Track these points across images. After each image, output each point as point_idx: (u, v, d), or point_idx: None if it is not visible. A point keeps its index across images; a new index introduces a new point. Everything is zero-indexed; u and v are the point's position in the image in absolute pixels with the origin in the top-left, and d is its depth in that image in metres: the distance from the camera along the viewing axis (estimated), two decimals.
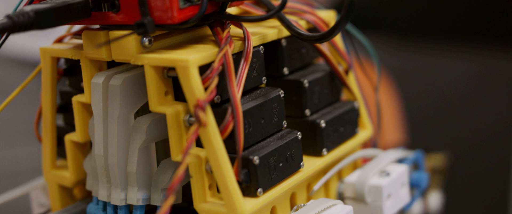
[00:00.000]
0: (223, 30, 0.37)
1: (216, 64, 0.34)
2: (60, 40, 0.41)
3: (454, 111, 1.10)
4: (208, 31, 0.39)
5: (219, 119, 0.35)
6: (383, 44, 1.42)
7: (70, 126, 0.42)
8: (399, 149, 0.47)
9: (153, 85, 0.35)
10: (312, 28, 0.42)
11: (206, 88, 0.34)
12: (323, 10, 0.44)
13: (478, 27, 1.31)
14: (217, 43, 0.36)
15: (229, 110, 0.34)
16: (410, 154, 0.47)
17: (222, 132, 0.34)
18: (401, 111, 0.94)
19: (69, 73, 0.42)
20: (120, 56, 0.36)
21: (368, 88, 0.90)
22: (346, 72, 0.43)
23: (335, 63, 0.42)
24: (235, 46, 0.36)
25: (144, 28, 0.34)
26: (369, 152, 0.45)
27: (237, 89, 0.35)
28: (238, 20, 0.37)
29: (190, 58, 0.34)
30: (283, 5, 0.35)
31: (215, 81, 0.34)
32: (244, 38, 0.37)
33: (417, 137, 0.96)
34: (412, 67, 1.35)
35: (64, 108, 0.43)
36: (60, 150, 0.43)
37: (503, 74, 1.11)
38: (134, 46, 0.35)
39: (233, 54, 0.36)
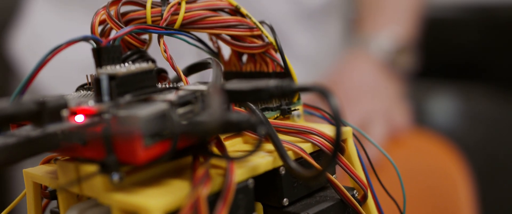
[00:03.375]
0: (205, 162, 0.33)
1: (184, 212, 0.30)
2: (48, 161, 0.38)
3: None
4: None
5: None
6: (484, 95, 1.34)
7: None
8: None
9: None
10: (318, 151, 0.37)
11: None
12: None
13: None
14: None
15: None
16: None
17: None
18: (477, 193, 0.86)
19: (54, 197, 0.39)
20: (89, 192, 0.33)
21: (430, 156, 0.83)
22: (363, 198, 0.38)
23: (345, 190, 0.37)
24: (216, 183, 0.32)
25: (107, 168, 0.31)
26: None
27: None
28: (217, 157, 0.33)
29: (154, 205, 0.30)
30: (260, 142, 0.30)
31: None
32: (226, 175, 0.32)
33: None
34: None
35: None
36: None
37: None
38: (101, 183, 0.32)
39: (213, 194, 0.32)
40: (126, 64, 0.35)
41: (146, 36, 0.40)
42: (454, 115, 1.38)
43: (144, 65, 0.34)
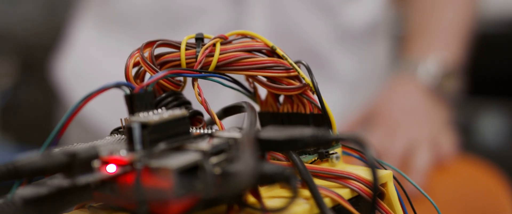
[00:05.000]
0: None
1: None
2: (82, 205, 0.38)
3: None
4: None
5: None
6: None
7: None
8: None
9: None
10: (357, 196, 0.36)
11: None
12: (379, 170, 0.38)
13: None
14: None
15: None
16: None
17: None
18: None
19: None
20: None
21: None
22: None
23: None
24: None
25: None
26: None
27: None
28: (252, 209, 0.32)
29: None
30: (294, 196, 0.29)
31: None
32: None
33: None
34: None
35: None
36: None
37: None
38: None
39: None
40: (159, 110, 0.34)
41: (180, 78, 0.39)
42: (506, 133, 1.34)
43: (177, 112, 0.33)
